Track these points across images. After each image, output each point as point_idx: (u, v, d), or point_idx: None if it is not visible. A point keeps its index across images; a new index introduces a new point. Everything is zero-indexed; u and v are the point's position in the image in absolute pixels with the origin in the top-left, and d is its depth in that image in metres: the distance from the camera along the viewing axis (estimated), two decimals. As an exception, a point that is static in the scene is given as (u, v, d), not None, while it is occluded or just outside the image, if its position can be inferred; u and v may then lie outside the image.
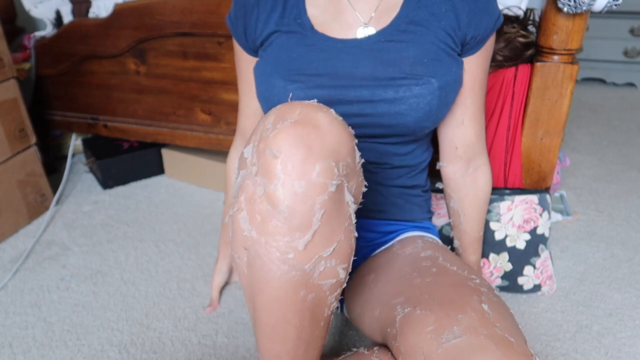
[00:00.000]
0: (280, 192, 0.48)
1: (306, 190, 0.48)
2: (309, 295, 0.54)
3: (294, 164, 0.48)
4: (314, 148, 0.49)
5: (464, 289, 0.61)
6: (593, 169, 1.59)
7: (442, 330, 0.54)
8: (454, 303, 0.57)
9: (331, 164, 0.49)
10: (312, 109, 0.51)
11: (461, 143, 0.78)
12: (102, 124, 1.48)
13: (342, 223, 0.53)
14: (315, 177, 0.48)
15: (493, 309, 0.57)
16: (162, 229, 1.31)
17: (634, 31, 2.22)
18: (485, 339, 0.52)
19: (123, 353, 0.93)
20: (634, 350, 0.92)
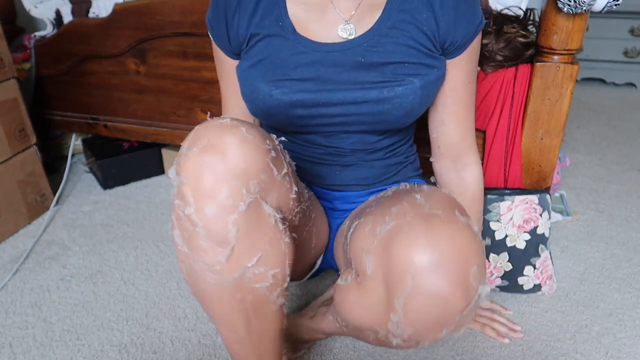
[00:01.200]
0: (194, 215, 0.54)
1: (217, 212, 0.53)
2: (247, 296, 0.60)
3: (203, 190, 0.53)
4: (219, 174, 0.53)
5: (406, 192, 0.66)
6: (593, 169, 1.59)
7: (377, 224, 0.60)
8: (392, 202, 0.63)
9: (238, 186, 0.53)
10: (221, 133, 0.54)
11: (443, 142, 0.80)
12: (102, 124, 1.48)
13: (264, 234, 0.57)
14: (224, 200, 0.53)
15: (427, 197, 0.60)
16: (162, 229, 1.31)
17: (634, 31, 2.22)
18: (411, 219, 0.56)
19: (123, 353, 0.93)
20: (634, 350, 0.92)
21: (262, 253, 0.57)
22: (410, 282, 0.53)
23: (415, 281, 0.53)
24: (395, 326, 0.56)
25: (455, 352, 0.92)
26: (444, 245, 0.53)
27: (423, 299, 0.53)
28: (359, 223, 0.66)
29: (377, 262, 0.58)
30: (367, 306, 0.61)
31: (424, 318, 0.54)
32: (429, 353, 0.92)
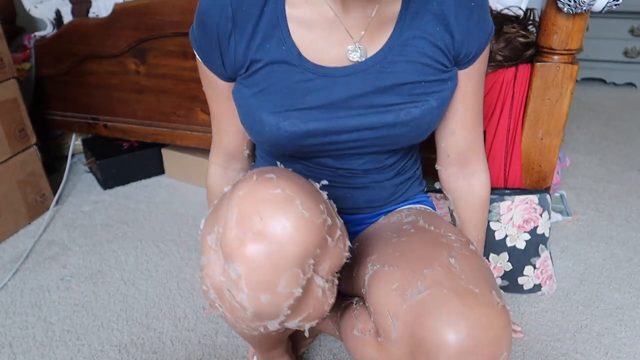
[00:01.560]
0: (246, 302, 0.51)
1: (272, 300, 0.51)
2: (272, 334, 0.66)
3: (258, 280, 0.49)
4: (278, 264, 0.49)
5: (435, 245, 0.62)
6: (593, 169, 1.59)
7: (407, 286, 0.56)
8: (422, 258, 0.59)
9: (296, 271, 0.50)
10: (275, 212, 0.49)
11: (452, 151, 0.77)
12: (102, 124, 1.48)
13: (311, 301, 0.55)
14: (282, 289, 0.50)
15: (461, 262, 0.58)
16: (162, 229, 1.31)
17: (634, 31, 2.22)
18: (448, 292, 0.54)
19: (123, 353, 0.93)
20: (634, 350, 0.92)
21: (306, 315, 0.56)
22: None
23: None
24: None
25: (455, 352, 0.92)
26: (480, 331, 0.52)
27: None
28: (381, 271, 0.61)
29: (405, 330, 0.56)
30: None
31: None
32: (429, 353, 0.92)
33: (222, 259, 0.51)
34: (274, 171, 0.53)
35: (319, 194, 0.55)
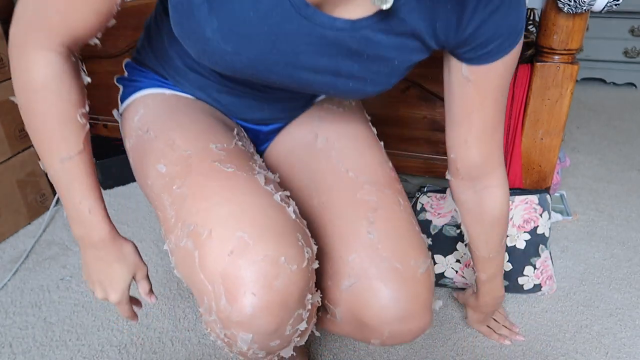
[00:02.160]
0: (257, 350, 0.49)
1: (281, 342, 0.50)
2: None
3: (266, 337, 0.48)
4: (282, 319, 0.47)
5: (354, 214, 0.62)
6: (593, 169, 1.59)
7: (339, 278, 0.59)
8: (345, 238, 0.60)
9: (300, 312, 0.49)
10: (266, 282, 0.45)
11: (463, 165, 0.67)
12: (102, 124, 1.48)
13: (313, 319, 0.57)
14: (288, 331, 0.49)
15: (381, 234, 0.59)
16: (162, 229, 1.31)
17: (634, 31, 2.22)
18: (375, 280, 0.57)
19: (123, 353, 0.93)
20: (634, 350, 0.92)
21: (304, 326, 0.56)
22: (385, 332, 0.59)
23: (388, 331, 0.59)
24: (376, 344, 0.62)
25: (455, 352, 0.92)
26: (409, 304, 0.58)
27: (397, 338, 0.60)
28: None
29: (347, 313, 0.60)
30: (344, 332, 0.64)
31: (400, 341, 0.61)
32: (429, 353, 0.92)
33: (224, 326, 0.47)
34: (243, 228, 0.46)
35: (290, 223, 0.50)
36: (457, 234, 1.00)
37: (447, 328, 0.98)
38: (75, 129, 0.54)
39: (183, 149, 0.56)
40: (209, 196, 0.48)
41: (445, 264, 1.02)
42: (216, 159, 0.53)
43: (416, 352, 0.93)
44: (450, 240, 1.01)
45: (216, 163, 0.52)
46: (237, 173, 0.51)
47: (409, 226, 0.62)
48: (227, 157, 0.54)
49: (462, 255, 1.01)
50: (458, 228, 1.00)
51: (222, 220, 0.46)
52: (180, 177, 0.53)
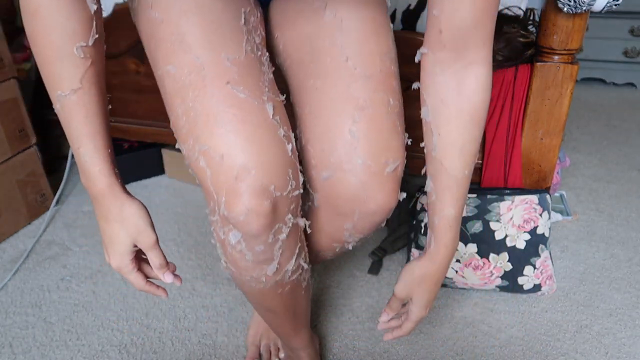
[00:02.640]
0: (245, 250, 0.57)
1: (264, 250, 0.57)
2: (285, 288, 0.65)
3: (252, 241, 0.56)
4: (265, 227, 0.55)
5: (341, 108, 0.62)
6: (593, 169, 1.59)
7: (320, 167, 0.63)
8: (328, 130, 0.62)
9: (280, 226, 0.56)
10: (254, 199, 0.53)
11: (449, 23, 0.52)
12: (102, 124, 1.48)
13: (297, 240, 0.62)
14: (270, 239, 0.56)
15: (361, 132, 0.61)
16: (162, 229, 1.31)
17: (634, 31, 2.22)
18: (349, 175, 0.61)
19: (123, 353, 0.93)
20: (634, 350, 0.92)
21: (297, 253, 0.62)
22: (355, 215, 0.64)
23: (357, 212, 0.64)
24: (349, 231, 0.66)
25: (455, 352, 0.92)
26: (376, 191, 0.62)
27: (367, 219, 0.64)
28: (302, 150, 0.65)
29: (323, 201, 0.66)
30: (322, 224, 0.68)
31: (370, 222, 0.65)
32: (429, 353, 0.92)
33: (222, 225, 0.56)
34: (247, 158, 0.52)
35: (286, 159, 0.56)
36: (457, 234, 1.00)
37: (447, 328, 0.98)
38: (71, 65, 0.52)
39: (194, 55, 0.54)
40: (222, 123, 0.52)
41: (445, 264, 1.02)
42: (229, 79, 0.54)
43: (416, 352, 0.93)
44: (450, 240, 1.01)
45: (229, 86, 0.53)
46: (249, 101, 0.54)
47: (392, 128, 0.63)
48: (239, 76, 0.54)
49: (462, 255, 1.01)
50: (458, 228, 1.00)
51: (232, 148, 0.52)
52: (194, 90, 0.54)
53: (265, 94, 0.56)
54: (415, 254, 1.05)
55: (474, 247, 1.00)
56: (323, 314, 1.02)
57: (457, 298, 1.06)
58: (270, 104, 0.55)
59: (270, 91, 0.58)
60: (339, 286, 1.10)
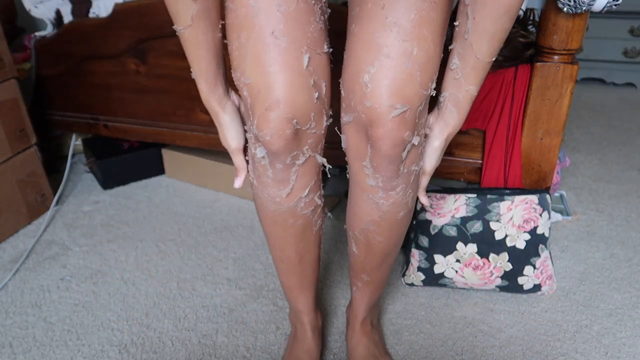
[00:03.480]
0: (267, 166, 0.67)
1: (283, 168, 0.67)
2: (297, 222, 0.73)
3: (273, 155, 0.65)
4: (286, 142, 0.64)
5: (363, 53, 0.63)
6: (593, 169, 1.59)
7: (345, 111, 0.66)
8: (352, 77, 0.64)
9: (297, 150, 0.66)
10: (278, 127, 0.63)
11: None
12: (103, 124, 1.48)
13: (314, 175, 0.70)
14: (289, 162, 0.66)
15: (374, 79, 0.61)
16: (162, 229, 1.32)
17: (634, 31, 2.22)
18: (364, 119, 0.63)
19: (123, 353, 0.93)
20: (634, 350, 0.92)
21: (311, 185, 0.70)
22: (369, 156, 0.65)
23: (372, 155, 0.65)
24: (371, 177, 0.67)
25: (455, 352, 0.92)
26: (386, 138, 0.62)
27: (381, 161, 0.65)
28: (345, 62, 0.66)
29: (347, 143, 0.68)
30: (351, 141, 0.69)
31: (385, 168, 0.66)
32: (429, 353, 0.92)
33: (254, 141, 0.67)
34: (278, 95, 0.61)
35: (311, 104, 0.64)
36: (457, 233, 1.00)
37: (447, 328, 0.98)
38: (184, 6, 0.64)
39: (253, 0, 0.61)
40: (265, 65, 0.62)
41: (445, 264, 1.02)
42: (275, 29, 0.61)
43: (416, 352, 0.93)
44: (450, 240, 1.01)
45: (273, 35, 0.61)
46: (289, 50, 0.62)
47: (407, 77, 0.62)
48: (285, 26, 0.61)
49: (462, 255, 1.01)
50: (458, 228, 1.00)
51: (269, 86, 0.62)
52: (246, 31, 0.62)
53: (305, 45, 0.63)
54: (415, 254, 1.05)
55: (474, 247, 1.00)
56: (323, 314, 1.02)
57: (457, 298, 1.06)
58: (308, 55, 0.63)
59: (312, 42, 0.64)
60: (338, 286, 1.10)
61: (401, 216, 0.71)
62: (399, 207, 0.69)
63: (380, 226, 0.72)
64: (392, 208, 0.69)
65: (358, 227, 0.74)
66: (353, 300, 0.89)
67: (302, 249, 0.78)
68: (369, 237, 0.74)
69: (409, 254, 1.07)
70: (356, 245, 0.78)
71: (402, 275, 1.11)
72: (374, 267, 0.80)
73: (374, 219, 0.71)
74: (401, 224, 0.73)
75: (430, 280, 1.05)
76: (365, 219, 0.72)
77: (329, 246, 1.23)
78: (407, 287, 1.09)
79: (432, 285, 1.07)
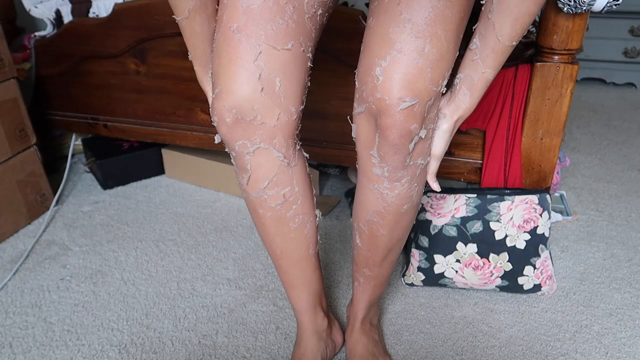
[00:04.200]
0: (230, 151, 0.70)
1: (236, 156, 0.70)
2: (267, 213, 0.75)
3: (226, 142, 0.69)
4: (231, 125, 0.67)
5: (377, 47, 0.64)
6: (593, 169, 1.59)
7: (358, 102, 0.67)
8: (366, 70, 0.65)
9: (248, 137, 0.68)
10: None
11: None
12: (102, 124, 1.48)
13: (274, 168, 0.71)
14: (238, 149, 0.69)
15: (386, 72, 0.62)
16: (162, 229, 1.31)
17: (634, 31, 2.22)
18: (374, 110, 0.64)
19: (123, 353, 0.93)
20: (634, 350, 0.92)
21: (274, 178, 0.71)
22: (377, 144, 0.66)
23: (379, 144, 0.66)
24: (378, 166, 0.68)
25: (455, 352, 0.92)
26: (393, 129, 0.63)
27: (388, 150, 0.66)
28: (362, 53, 0.68)
29: (358, 134, 0.69)
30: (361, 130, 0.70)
31: (392, 157, 0.66)
32: (429, 353, 0.92)
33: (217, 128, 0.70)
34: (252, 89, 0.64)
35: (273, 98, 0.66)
36: (457, 233, 1.00)
37: (447, 328, 0.98)
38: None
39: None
40: (220, 57, 0.66)
41: (445, 264, 1.02)
42: (236, 24, 0.64)
43: (416, 352, 0.93)
44: (450, 240, 1.01)
45: (232, 30, 0.64)
46: (241, 43, 0.64)
47: (418, 72, 0.62)
48: (245, 22, 0.64)
49: (462, 255, 1.01)
50: (458, 228, 1.00)
51: (218, 76, 0.66)
52: (218, 24, 0.66)
53: (262, 42, 0.64)
54: (415, 254, 1.05)
55: (474, 247, 1.00)
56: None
57: (457, 298, 1.06)
58: (259, 50, 0.64)
59: (272, 39, 0.65)
60: (338, 286, 1.10)
61: (405, 209, 0.72)
62: (403, 199, 0.70)
63: (384, 218, 0.72)
64: (397, 200, 0.70)
65: (363, 218, 0.75)
66: (354, 297, 0.89)
67: (281, 244, 0.78)
68: (373, 229, 0.75)
69: (409, 254, 1.07)
70: (360, 237, 0.79)
71: (402, 275, 1.11)
72: (376, 261, 0.80)
73: (378, 209, 0.72)
74: (405, 218, 0.74)
75: (430, 280, 1.05)
76: (370, 209, 0.73)
77: (329, 246, 1.23)
78: (407, 287, 1.09)
79: (432, 285, 1.07)
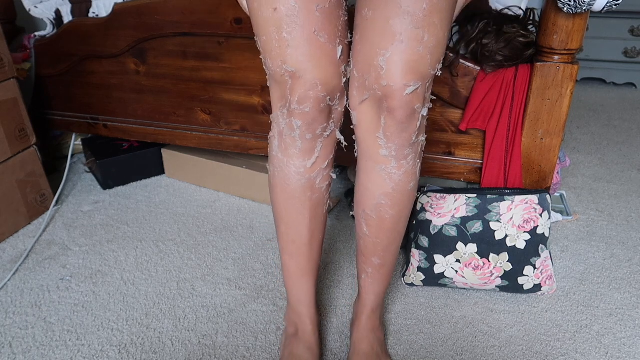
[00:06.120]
0: (297, 137, 0.74)
1: (311, 139, 0.74)
2: (314, 195, 0.79)
3: (307, 124, 0.73)
4: (311, 115, 0.72)
5: (378, 39, 0.68)
6: (593, 169, 1.59)
7: (360, 91, 0.72)
8: (367, 60, 0.69)
9: (323, 124, 0.74)
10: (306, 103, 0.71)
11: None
12: (102, 124, 1.48)
13: (332, 148, 0.78)
14: (319, 132, 0.74)
15: (390, 61, 0.66)
16: (162, 229, 1.31)
17: (634, 31, 2.22)
18: (380, 95, 0.69)
19: (123, 353, 0.93)
20: (634, 350, 0.92)
21: (329, 159, 0.78)
22: (383, 125, 0.71)
23: (385, 124, 0.70)
24: (382, 133, 0.72)
25: (455, 352, 0.92)
26: (399, 110, 0.69)
27: (395, 130, 0.70)
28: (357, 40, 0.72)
29: (360, 119, 0.73)
30: (362, 121, 0.75)
31: (398, 136, 0.71)
32: (429, 353, 0.92)
33: (288, 116, 0.74)
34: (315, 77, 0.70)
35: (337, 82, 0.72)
36: (457, 233, 1.00)
37: (447, 328, 0.98)
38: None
39: (294, 1, 0.67)
40: (308, 56, 0.70)
41: (445, 264, 1.02)
42: (316, 27, 0.68)
43: (416, 352, 0.93)
44: (450, 240, 1.01)
45: (315, 32, 0.69)
46: (326, 44, 0.70)
47: (419, 59, 0.67)
48: (322, 24, 0.68)
49: (462, 255, 1.01)
50: (458, 228, 1.00)
51: (308, 72, 0.70)
52: (289, 26, 0.68)
53: (338, 38, 0.71)
54: (415, 254, 1.05)
55: (474, 247, 1.00)
56: (323, 314, 1.02)
57: (457, 298, 1.06)
58: (341, 47, 0.71)
59: (342, 34, 0.72)
60: (338, 286, 1.10)
61: (411, 187, 0.76)
62: (409, 176, 0.74)
63: (392, 198, 0.76)
64: (404, 177, 0.74)
65: (370, 203, 0.78)
66: (361, 291, 0.89)
67: (314, 226, 0.83)
68: (381, 213, 0.77)
69: (409, 254, 1.07)
70: (367, 224, 0.80)
71: (402, 275, 1.11)
72: (385, 247, 0.82)
73: (387, 191, 0.75)
74: (411, 196, 0.77)
75: (430, 280, 1.05)
76: (378, 192, 0.76)
77: (328, 246, 1.23)
78: (407, 287, 1.09)
79: (432, 285, 1.07)
